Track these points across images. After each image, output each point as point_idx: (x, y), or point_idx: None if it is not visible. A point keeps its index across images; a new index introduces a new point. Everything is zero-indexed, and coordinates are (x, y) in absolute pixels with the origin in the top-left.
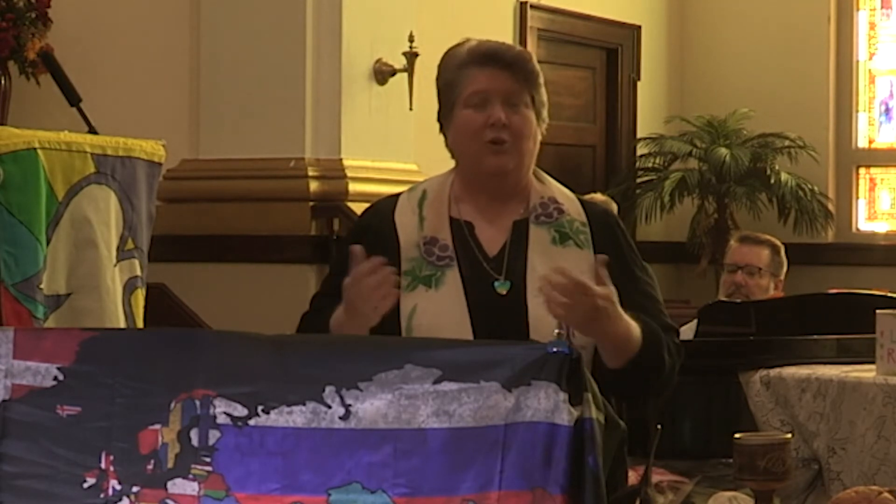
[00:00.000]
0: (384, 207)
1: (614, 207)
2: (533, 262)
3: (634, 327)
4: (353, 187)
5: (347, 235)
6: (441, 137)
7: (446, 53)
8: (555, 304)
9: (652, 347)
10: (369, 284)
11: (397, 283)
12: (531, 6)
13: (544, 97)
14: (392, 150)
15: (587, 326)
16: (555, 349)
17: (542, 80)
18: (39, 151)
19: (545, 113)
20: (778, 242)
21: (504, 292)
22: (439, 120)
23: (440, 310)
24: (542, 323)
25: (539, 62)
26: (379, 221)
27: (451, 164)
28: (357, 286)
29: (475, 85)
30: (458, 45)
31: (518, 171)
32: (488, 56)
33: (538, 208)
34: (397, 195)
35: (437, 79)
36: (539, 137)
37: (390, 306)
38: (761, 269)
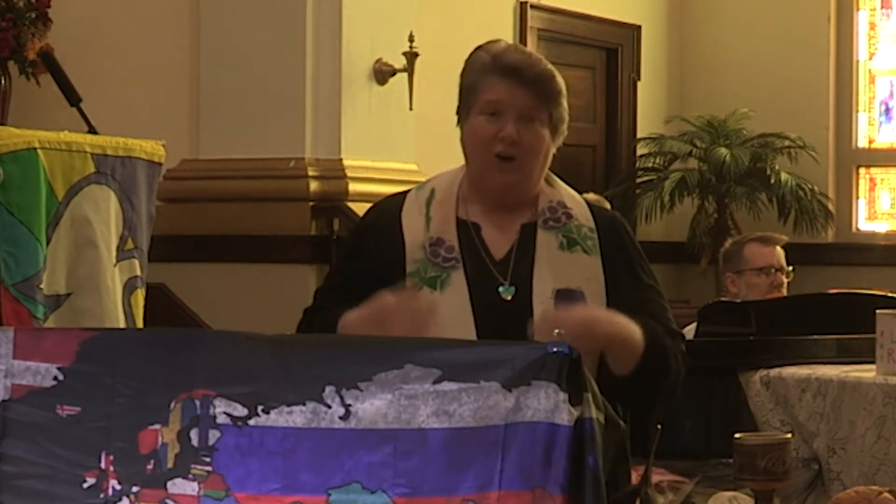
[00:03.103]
0: (391, 206)
1: (607, 207)
2: (540, 268)
3: (636, 330)
4: (353, 187)
5: (352, 231)
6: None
7: (474, 52)
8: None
9: (656, 348)
10: (417, 316)
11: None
12: (531, 6)
13: (564, 114)
14: (392, 150)
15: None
16: (555, 349)
17: (563, 97)
18: (39, 151)
19: (563, 127)
20: None
21: (509, 298)
22: (458, 114)
23: (445, 312)
24: None
25: None
26: (385, 220)
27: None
28: (401, 313)
29: (492, 94)
30: (490, 43)
31: (523, 186)
32: (510, 69)
33: (546, 212)
34: (405, 193)
35: (461, 76)
36: (552, 152)
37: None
38: (784, 268)
